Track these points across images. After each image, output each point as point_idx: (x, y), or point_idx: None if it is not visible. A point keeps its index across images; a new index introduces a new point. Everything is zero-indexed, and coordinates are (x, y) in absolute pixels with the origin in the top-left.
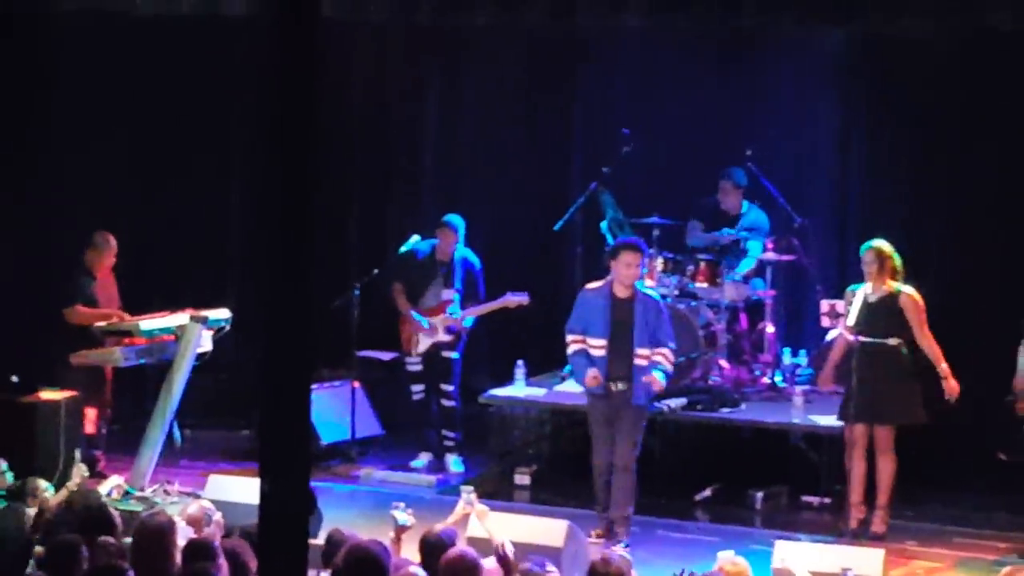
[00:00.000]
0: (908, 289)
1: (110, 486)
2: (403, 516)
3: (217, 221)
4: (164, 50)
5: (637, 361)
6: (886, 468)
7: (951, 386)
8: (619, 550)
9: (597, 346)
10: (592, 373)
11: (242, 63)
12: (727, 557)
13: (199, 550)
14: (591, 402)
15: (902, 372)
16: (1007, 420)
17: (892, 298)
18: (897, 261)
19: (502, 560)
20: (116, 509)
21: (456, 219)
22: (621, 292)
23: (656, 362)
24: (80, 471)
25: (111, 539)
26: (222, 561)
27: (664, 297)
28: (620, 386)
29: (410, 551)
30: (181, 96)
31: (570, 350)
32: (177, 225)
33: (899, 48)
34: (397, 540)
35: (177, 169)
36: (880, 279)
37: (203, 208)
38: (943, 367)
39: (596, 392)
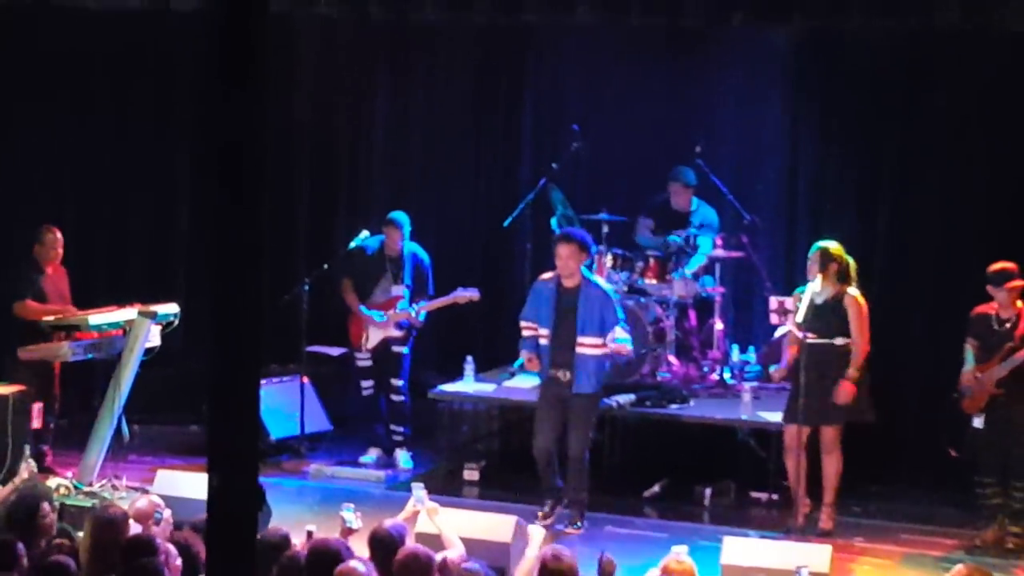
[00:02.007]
0: (853, 291)
1: (58, 481)
2: (351, 517)
3: (165, 215)
4: (113, 44)
5: (579, 350)
6: (832, 466)
7: (845, 388)
8: (571, 531)
9: (543, 335)
10: (526, 355)
11: (191, 57)
12: (677, 554)
13: (140, 546)
14: (541, 385)
15: (847, 371)
16: (954, 417)
17: (838, 300)
18: (847, 263)
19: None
20: (63, 504)
21: (400, 216)
22: (567, 282)
23: (615, 351)
24: (30, 466)
25: (64, 539)
26: (164, 556)
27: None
28: (564, 375)
29: (356, 549)
30: (130, 90)
31: (522, 336)
32: (125, 219)
33: (848, 45)
34: None
35: (125, 163)
36: (825, 279)
37: (151, 202)
38: (852, 371)
39: (541, 377)
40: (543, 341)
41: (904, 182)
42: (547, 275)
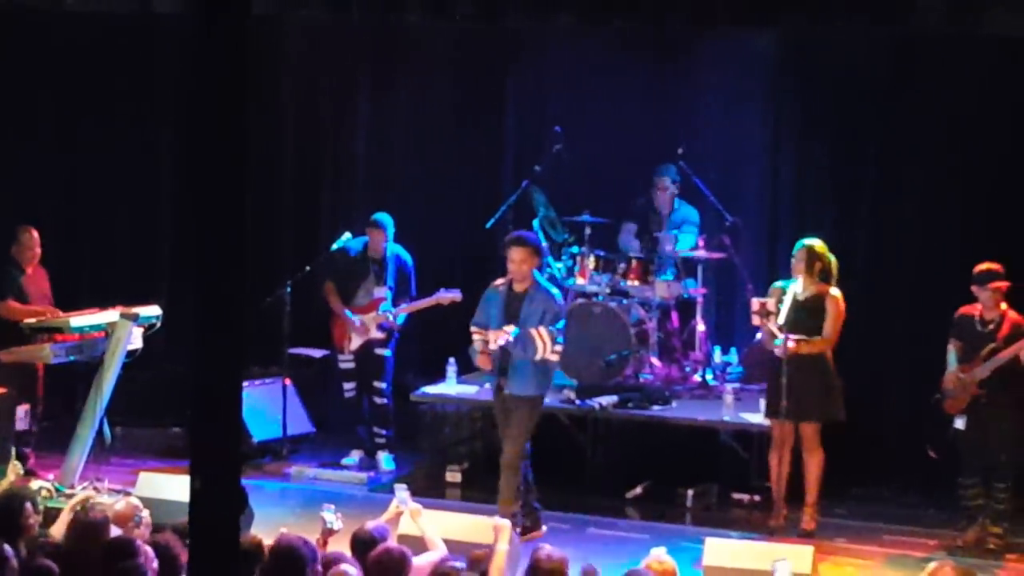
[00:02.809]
0: (835, 291)
1: (39, 484)
2: (331, 518)
3: (148, 217)
4: (94, 46)
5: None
6: (813, 465)
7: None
8: (531, 535)
9: (493, 340)
10: (478, 344)
11: (173, 60)
12: (657, 554)
13: (119, 548)
14: (494, 397)
15: (825, 371)
16: (937, 418)
17: (819, 298)
18: (830, 262)
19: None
20: (45, 507)
21: (384, 217)
22: (518, 286)
23: (531, 336)
24: (15, 468)
25: (48, 539)
26: (143, 559)
27: (596, 295)
28: (504, 380)
29: (337, 549)
30: (113, 92)
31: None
32: (108, 222)
33: (830, 50)
34: (323, 543)
35: (107, 165)
36: (809, 278)
37: (134, 204)
38: (788, 343)
39: (492, 383)
40: (492, 347)
41: (886, 184)
42: (499, 281)
